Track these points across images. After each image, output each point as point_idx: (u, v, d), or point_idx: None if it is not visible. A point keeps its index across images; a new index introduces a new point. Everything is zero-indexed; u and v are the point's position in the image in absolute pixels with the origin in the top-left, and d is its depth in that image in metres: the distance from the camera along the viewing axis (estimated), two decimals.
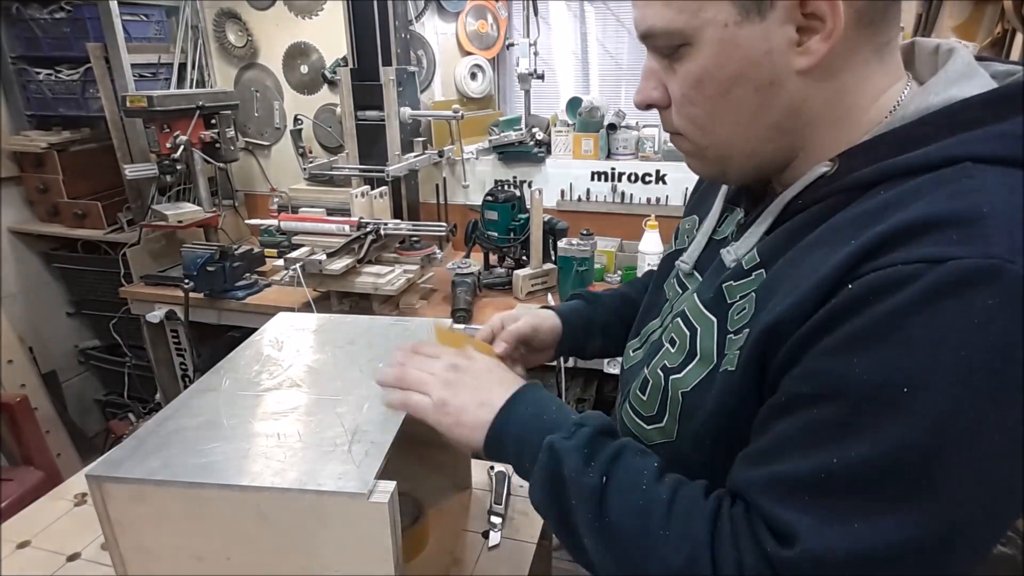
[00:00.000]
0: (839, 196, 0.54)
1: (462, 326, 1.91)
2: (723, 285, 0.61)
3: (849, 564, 0.44)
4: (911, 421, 0.43)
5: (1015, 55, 1.87)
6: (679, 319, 0.66)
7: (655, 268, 0.88)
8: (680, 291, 0.73)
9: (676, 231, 0.82)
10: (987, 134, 0.49)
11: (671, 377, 0.64)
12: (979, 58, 0.57)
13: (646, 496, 0.54)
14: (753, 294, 0.57)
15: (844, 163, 0.55)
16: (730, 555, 0.49)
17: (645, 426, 0.67)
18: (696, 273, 0.71)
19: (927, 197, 0.47)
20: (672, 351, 0.65)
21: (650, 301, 0.81)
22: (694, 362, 0.62)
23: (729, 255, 0.63)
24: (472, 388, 0.66)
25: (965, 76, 0.53)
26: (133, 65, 2.41)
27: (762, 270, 0.57)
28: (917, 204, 0.47)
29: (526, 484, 0.60)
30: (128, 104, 2.21)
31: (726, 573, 0.49)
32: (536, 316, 0.86)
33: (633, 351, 0.79)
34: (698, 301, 0.64)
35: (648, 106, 0.62)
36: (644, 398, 0.68)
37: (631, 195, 2.39)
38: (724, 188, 0.72)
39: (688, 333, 0.64)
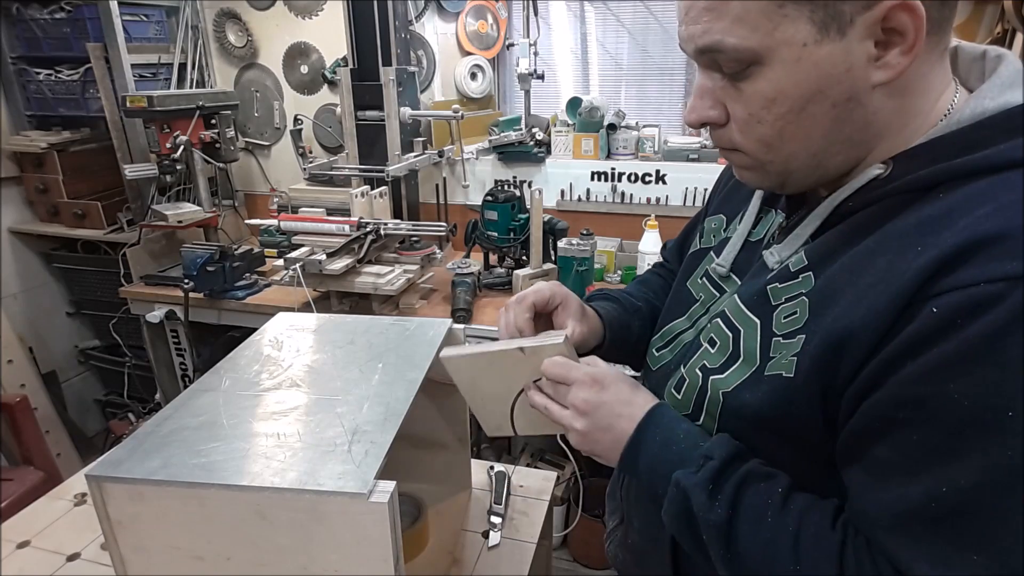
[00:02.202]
0: (894, 199, 0.53)
1: (461, 327, 1.91)
2: (768, 287, 0.60)
3: None
4: (1019, 443, 0.42)
5: (1015, 55, 1.86)
6: (719, 320, 0.66)
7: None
8: (716, 293, 0.72)
9: (700, 230, 0.81)
10: None
11: (712, 377, 0.63)
12: None
13: (772, 528, 0.54)
14: (804, 298, 0.56)
15: (899, 166, 0.54)
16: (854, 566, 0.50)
17: None
18: (733, 275, 0.70)
19: (993, 204, 0.47)
20: (712, 352, 0.65)
21: (674, 299, 0.80)
22: (737, 363, 0.61)
23: (772, 257, 0.62)
24: (604, 419, 0.65)
25: (1017, 83, 0.53)
26: (133, 65, 2.41)
27: (810, 273, 0.57)
28: (986, 213, 0.46)
29: (527, 484, 0.61)
30: (128, 104, 2.21)
31: None
32: (592, 320, 0.83)
33: (658, 350, 0.78)
34: (740, 302, 0.64)
35: (703, 124, 0.59)
36: (679, 397, 0.68)
37: (631, 195, 2.39)
38: (759, 190, 0.71)
39: (730, 334, 0.63)
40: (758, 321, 0.60)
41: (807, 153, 0.56)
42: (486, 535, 0.99)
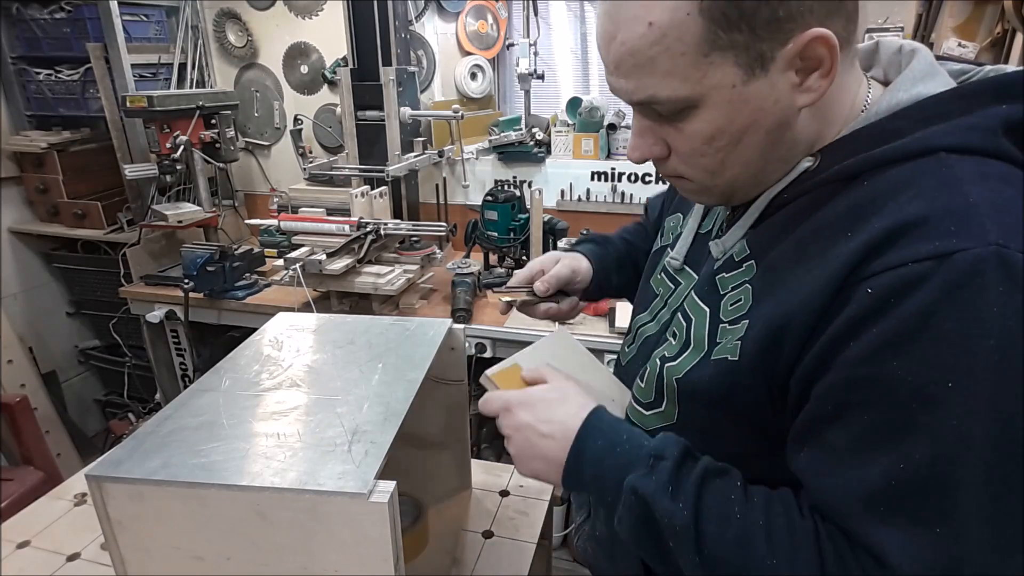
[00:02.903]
0: (824, 188, 0.57)
1: (461, 327, 1.90)
2: (716, 277, 0.64)
3: (946, 569, 0.46)
4: (963, 412, 0.45)
5: (1015, 55, 1.87)
6: (679, 314, 0.69)
7: (642, 216, 0.98)
8: (672, 286, 0.75)
9: (660, 229, 0.85)
10: (956, 126, 0.53)
11: (667, 365, 0.67)
12: (937, 58, 0.61)
13: (742, 525, 0.54)
14: (748, 285, 0.60)
15: (826, 157, 0.58)
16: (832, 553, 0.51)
17: (644, 412, 0.71)
18: (687, 268, 0.74)
19: (915, 189, 0.50)
20: (672, 343, 0.68)
21: (639, 297, 0.84)
22: (688, 350, 0.65)
23: (717, 247, 0.66)
24: (527, 440, 0.67)
25: (928, 75, 0.57)
26: (133, 65, 2.41)
27: (752, 261, 0.61)
28: (908, 198, 0.50)
29: (526, 483, 0.61)
30: (128, 104, 2.21)
31: None
32: (574, 259, 0.90)
33: (628, 347, 0.81)
34: (695, 294, 0.67)
35: (645, 161, 0.63)
36: (643, 385, 0.71)
37: (631, 195, 2.39)
38: None
39: (684, 324, 0.67)
40: (707, 310, 0.64)
41: (748, 173, 0.60)
42: (487, 535, 0.99)
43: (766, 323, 0.55)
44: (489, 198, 2.15)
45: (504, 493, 1.08)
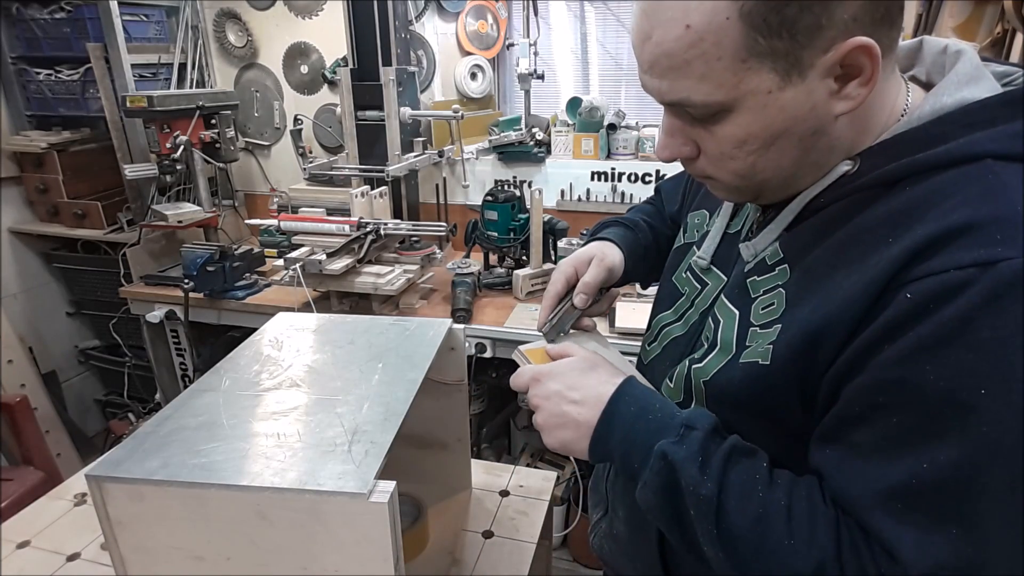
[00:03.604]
0: (863, 193, 0.56)
1: (461, 327, 1.90)
2: (747, 280, 0.63)
3: (958, 571, 0.46)
4: (994, 420, 0.44)
5: (1015, 55, 1.87)
6: (709, 318, 0.69)
7: (654, 196, 0.96)
8: (699, 286, 0.74)
9: (684, 225, 0.83)
10: (1002, 133, 0.51)
11: (694, 367, 0.66)
12: (984, 59, 0.59)
13: (763, 503, 0.54)
14: (781, 290, 0.59)
15: (866, 161, 0.56)
16: (854, 566, 0.50)
17: None
18: (714, 268, 0.72)
19: (959, 196, 0.49)
20: (705, 346, 0.67)
21: (661, 294, 0.82)
22: (714, 352, 0.64)
23: (748, 250, 0.64)
24: (554, 408, 0.66)
25: (974, 78, 0.55)
26: (133, 65, 2.41)
27: (785, 265, 0.60)
28: (953, 205, 0.49)
29: (526, 483, 0.60)
30: (128, 104, 2.21)
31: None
32: (606, 257, 0.85)
33: (649, 345, 0.80)
34: (724, 297, 0.67)
35: (674, 160, 0.61)
36: (672, 387, 0.71)
37: (631, 195, 2.39)
38: None
39: (713, 326, 0.66)
40: (737, 312, 0.63)
41: (779, 178, 0.59)
42: (487, 535, 0.99)
43: (802, 328, 0.54)
44: (489, 198, 2.15)
45: (504, 493, 1.08)
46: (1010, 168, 0.50)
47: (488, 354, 1.94)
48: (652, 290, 2.14)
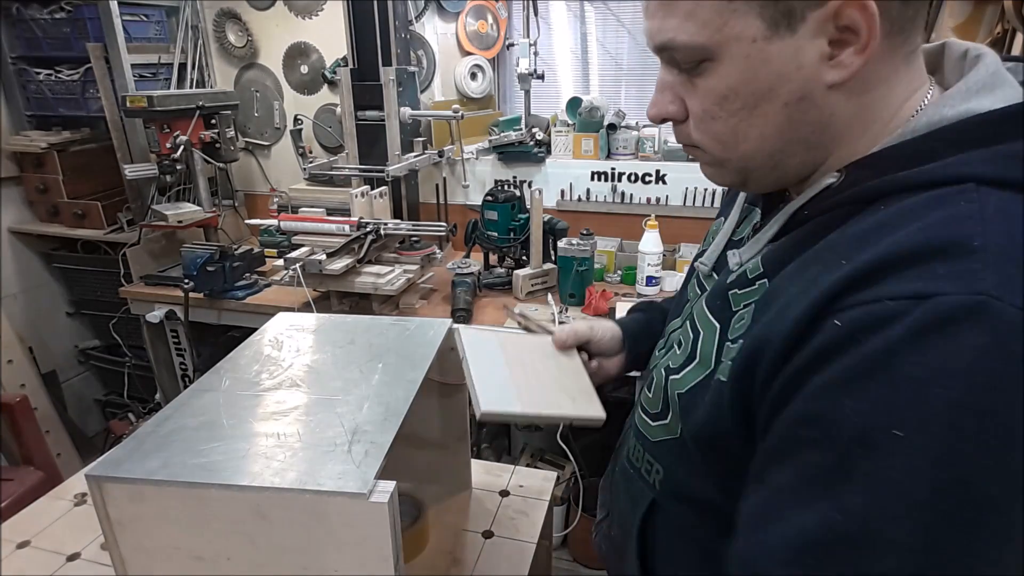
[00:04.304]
0: (843, 209, 0.53)
1: (461, 327, 1.90)
2: (728, 292, 0.61)
3: None
4: (904, 466, 0.41)
5: (1015, 55, 1.87)
6: (687, 322, 0.67)
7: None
8: (700, 292, 0.73)
9: (707, 234, 0.82)
10: (996, 154, 0.47)
11: (670, 377, 0.65)
12: (1015, 58, 0.55)
13: None
14: (753, 304, 0.56)
15: (850, 175, 0.53)
16: None
17: (650, 422, 0.69)
18: (715, 274, 0.71)
19: (920, 221, 0.45)
20: (677, 352, 0.66)
21: (675, 302, 0.81)
22: (692, 365, 0.62)
23: (734, 257, 0.63)
24: None
25: (987, 87, 0.51)
26: (133, 65, 2.41)
27: (765, 280, 0.57)
28: (908, 229, 0.45)
29: (526, 483, 0.60)
30: (128, 104, 2.21)
31: None
32: (593, 319, 0.87)
33: (658, 351, 0.79)
34: (705, 306, 0.64)
35: (663, 120, 0.59)
36: (650, 395, 0.69)
37: (631, 195, 2.39)
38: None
39: (692, 336, 0.64)
40: (718, 325, 0.60)
41: (763, 153, 0.56)
42: (487, 535, 0.99)
43: (748, 343, 0.52)
44: (489, 198, 2.15)
45: (504, 493, 1.08)
46: (994, 195, 0.45)
47: None
48: (651, 290, 2.14)
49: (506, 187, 2.25)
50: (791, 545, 0.45)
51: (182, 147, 2.27)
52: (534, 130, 2.44)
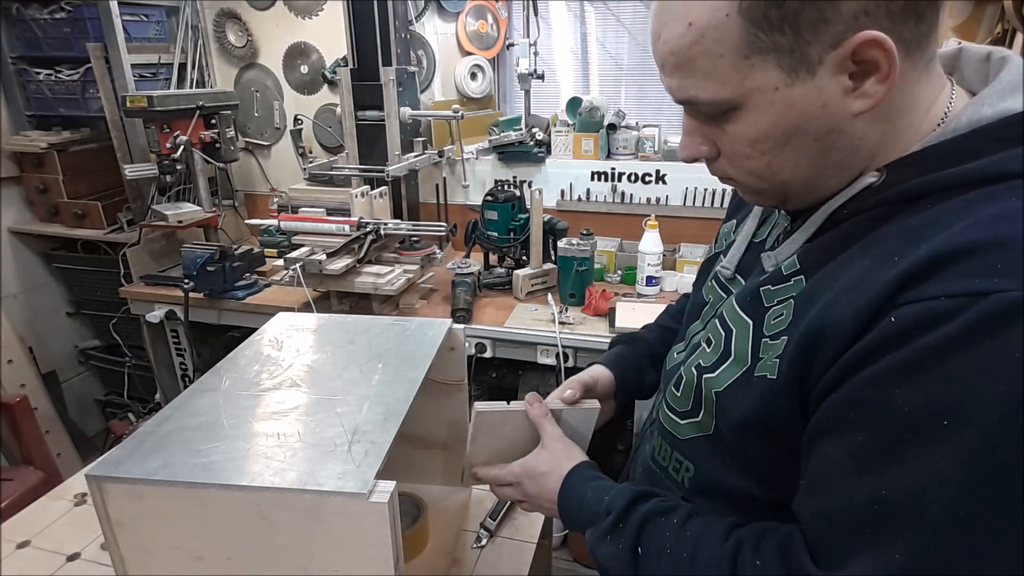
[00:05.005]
0: (885, 207, 0.54)
1: (461, 327, 1.91)
2: (760, 289, 0.61)
3: None
4: (951, 453, 0.43)
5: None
6: (716, 320, 0.68)
7: (688, 293, 0.90)
8: (723, 294, 0.73)
9: (716, 235, 0.83)
10: None
11: (704, 376, 0.65)
12: None
13: (673, 558, 0.59)
14: (792, 300, 0.57)
15: (892, 174, 0.54)
16: (751, 566, 0.54)
17: (679, 420, 0.70)
18: (739, 277, 0.71)
19: (972, 218, 0.47)
20: (708, 351, 0.67)
21: (692, 305, 0.81)
22: (728, 362, 0.63)
23: (769, 260, 0.63)
24: (535, 505, 0.78)
25: (1020, 88, 0.52)
26: (133, 65, 2.41)
27: (802, 276, 0.58)
28: (962, 226, 0.47)
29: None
30: (128, 104, 2.21)
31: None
32: (594, 370, 0.91)
33: (677, 353, 0.80)
34: (735, 303, 0.65)
35: (695, 160, 0.61)
36: (678, 394, 0.70)
37: (631, 195, 2.39)
38: None
39: (723, 334, 0.65)
40: (750, 322, 0.61)
41: (800, 180, 0.57)
42: (487, 535, 0.99)
43: (799, 338, 0.54)
44: (489, 198, 2.15)
45: None
46: None
47: (488, 354, 1.94)
48: (651, 290, 2.13)
49: (506, 187, 2.25)
50: (836, 510, 0.50)
51: (182, 147, 2.27)
52: (534, 130, 2.44)
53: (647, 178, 2.35)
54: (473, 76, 2.58)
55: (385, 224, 1.96)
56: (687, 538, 0.59)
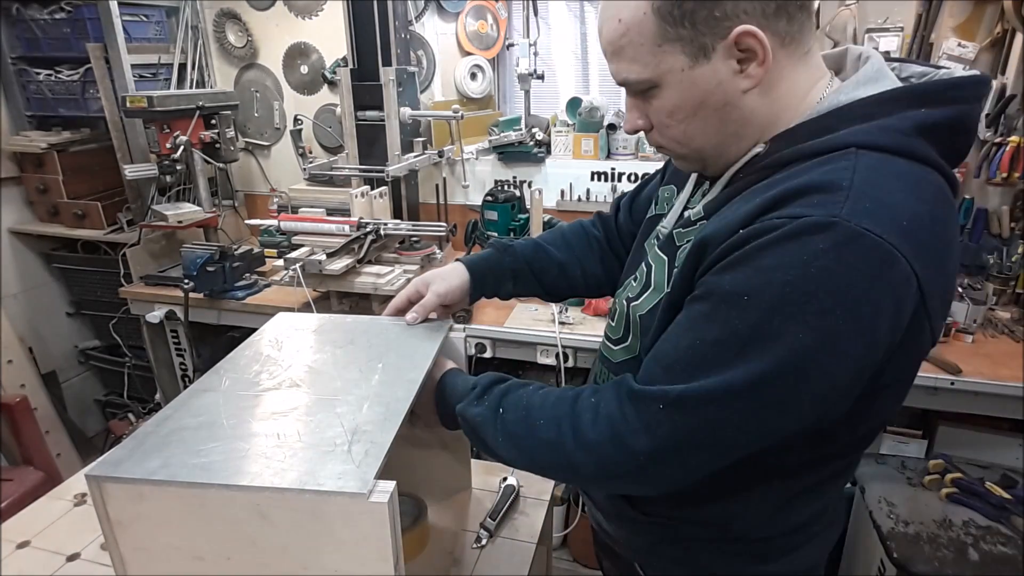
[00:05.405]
0: (766, 171, 0.68)
1: (461, 327, 1.91)
2: (674, 231, 0.78)
3: (691, 396, 0.62)
4: (744, 317, 0.60)
5: (1014, 54, 1.87)
6: (642, 262, 0.83)
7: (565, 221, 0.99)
8: (655, 243, 0.86)
9: (655, 198, 0.96)
10: (873, 127, 0.63)
11: (632, 304, 0.80)
12: (900, 60, 0.72)
13: (527, 408, 0.74)
14: (695, 237, 0.72)
15: (773, 145, 0.69)
16: (588, 406, 0.69)
17: (613, 347, 0.84)
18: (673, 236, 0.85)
19: (814, 173, 0.61)
20: (634, 285, 0.82)
21: (632, 258, 0.94)
22: (649, 291, 0.78)
23: (688, 213, 0.79)
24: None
25: (872, 80, 0.67)
26: (133, 65, 2.41)
27: (704, 221, 0.73)
28: (806, 177, 0.61)
29: (527, 483, 0.62)
30: (128, 104, 2.21)
31: (585, 418, 0.68)
32: (443, 282, 0.98)
33: (616, 293, 0.92)
34: (656, 247, 0.80)
35: (636, 131, 0.77)
36: (613, 324, 0.85)
37: None
38: None
39: (646, 270, 0.80)
40: (665, 258, 0.77)
41: (710, 146, 0.72)
42: (487, 535, 0.99)
43: (688, 252, 0.68)
44: (489, 198, 2.15)
45: None
46: (869, 155, 0.61)
47: (488, 354, 1.94)
48: None
49: (506, 187, 2.25)
50: (662, 354, 0.68)
51: (182, 147, 2.27)
52: (534, 130, 2.44)
53: (647, 178, 2.35)
54: (473, 76, 2.58)
55: (385, 224, 1.96)
56: (540, 395, 0.74)
